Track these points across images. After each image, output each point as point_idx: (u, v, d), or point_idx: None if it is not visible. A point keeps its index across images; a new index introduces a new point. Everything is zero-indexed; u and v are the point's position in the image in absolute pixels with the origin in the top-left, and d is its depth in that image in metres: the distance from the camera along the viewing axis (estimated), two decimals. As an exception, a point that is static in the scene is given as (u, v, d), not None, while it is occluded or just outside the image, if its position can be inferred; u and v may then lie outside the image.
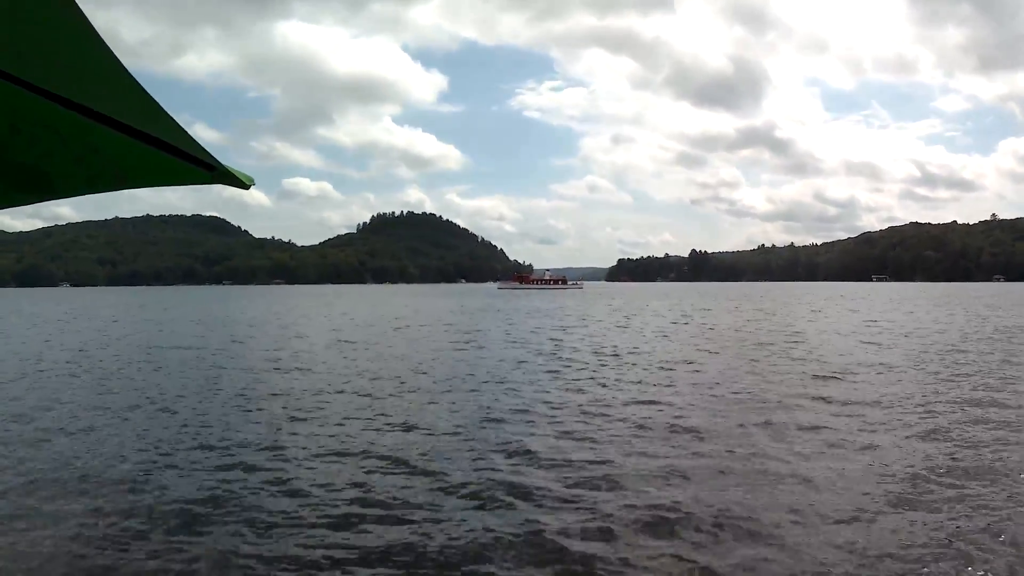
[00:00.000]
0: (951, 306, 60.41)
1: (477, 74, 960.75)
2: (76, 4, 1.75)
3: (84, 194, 3.01)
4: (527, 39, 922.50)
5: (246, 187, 2.59)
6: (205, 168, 2.51)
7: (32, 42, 1.98)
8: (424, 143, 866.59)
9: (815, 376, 18.90)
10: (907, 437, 11.57)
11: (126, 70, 1.94)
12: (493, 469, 9.95)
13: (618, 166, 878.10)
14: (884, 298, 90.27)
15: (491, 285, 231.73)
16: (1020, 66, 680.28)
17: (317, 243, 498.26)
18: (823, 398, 15.43)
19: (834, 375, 19.04)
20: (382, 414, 14.14)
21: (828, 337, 30.51)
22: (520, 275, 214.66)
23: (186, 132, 2.21)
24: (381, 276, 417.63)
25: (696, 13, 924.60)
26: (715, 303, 76.82)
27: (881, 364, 21.22)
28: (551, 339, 32.39)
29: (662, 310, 60.95)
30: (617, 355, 24.80)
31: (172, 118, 2.13)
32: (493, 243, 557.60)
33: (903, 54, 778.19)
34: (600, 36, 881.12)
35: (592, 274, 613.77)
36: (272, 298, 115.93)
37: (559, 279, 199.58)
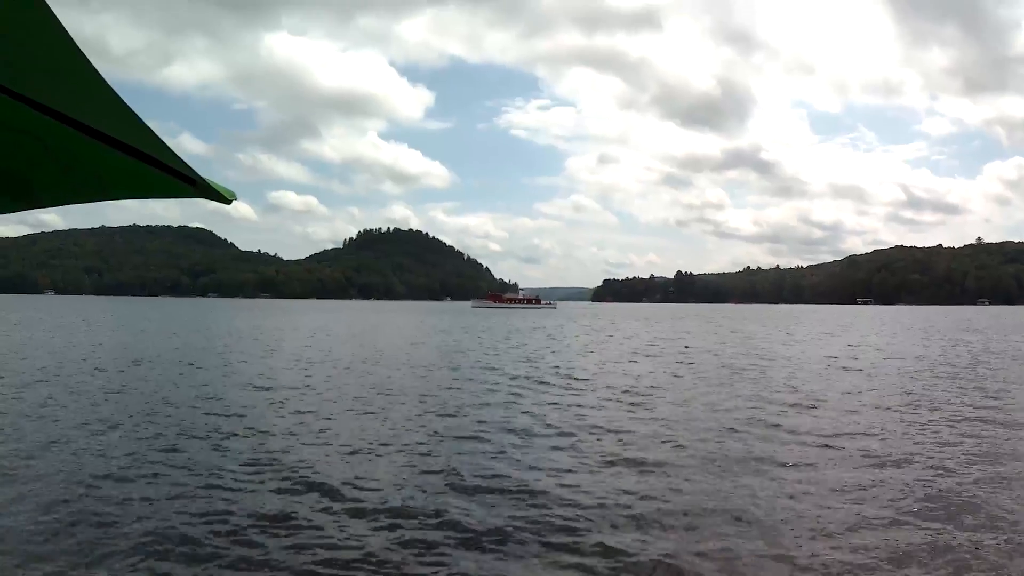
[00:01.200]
0: (929, 331, 60.47)
1: (464, 91, 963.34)
2: (55, 16, 1.76)
3: (67, 203, 3.03)
4: (514, 57, 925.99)
5: (228, 202, 2.61)
6: (187, 182, 2.53)
7: (15, 51, 1.99)
8: (410, 159, 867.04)
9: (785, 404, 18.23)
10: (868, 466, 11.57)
11: (106, 83, 1.96)
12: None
13: (604, 186, 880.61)
14: (867, 322, 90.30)
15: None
16: (1005, 89, 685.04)
17: (303, 257, 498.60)
18: (783, 426, 14.86)
19: (803, 403, 18.31)
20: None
21: (801, 363, 30.07)
22: (494, 294, 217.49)
23: (167, 146, 2.23)
24: (367, 292, 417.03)
25: (683, 32, 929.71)
26: (694, 325, 76.87)
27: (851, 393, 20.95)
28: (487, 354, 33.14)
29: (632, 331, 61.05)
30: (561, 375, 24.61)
31: (153, 132, 2.15)
32: (479, 261, 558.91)
33: (889, 77, 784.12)
34: (587, 55, 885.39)
35: (577, 294, 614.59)
36: (259, 312, 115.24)
37: (532, 299, 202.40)
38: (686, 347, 39.39)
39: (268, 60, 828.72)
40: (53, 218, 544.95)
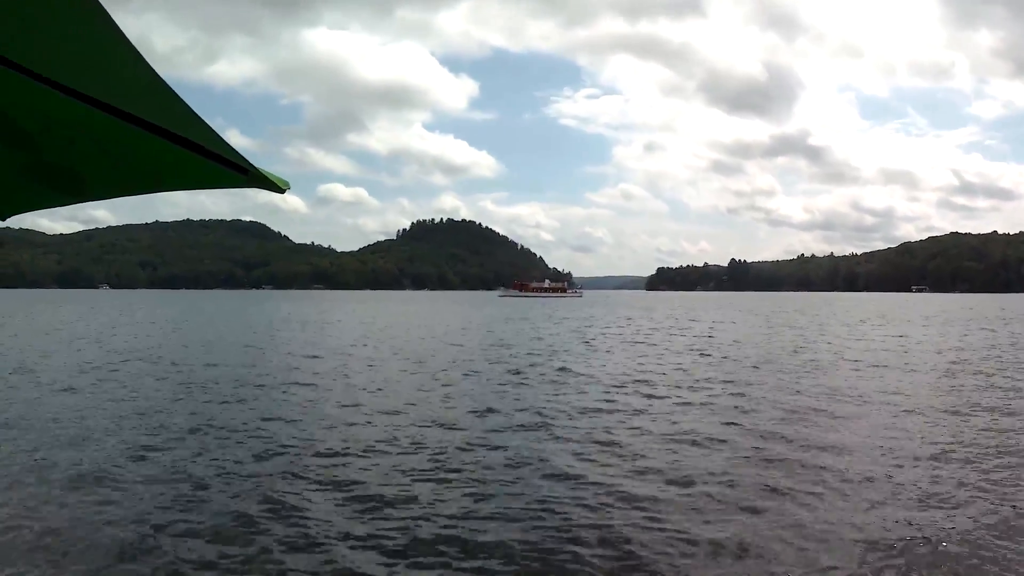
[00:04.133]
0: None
1: (507, 81, 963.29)
2: (106, 11, 1.73)
3: (119, 196, 3.02)
4: (556, 45, 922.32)
5: (281, 191, 2.55)
6: (239, 172, 2.48)
7: (66, 47, 1.98)
8: (457, 150, 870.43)
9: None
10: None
11: (157, 75, 1.93)
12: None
13: (651, 174, 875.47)
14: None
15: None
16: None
17: (356, 249, 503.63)
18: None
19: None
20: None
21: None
22: (519, 283, 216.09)
23: (219, 135, 2.19)
24: (420, 283, 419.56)
25: (727, 17, 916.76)
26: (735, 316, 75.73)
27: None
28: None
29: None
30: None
31: (205, 122, 2.11)
32: (532, 251, 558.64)
33: (938, 59, 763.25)
34: (630, 42, 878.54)
35: (631, 283, 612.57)
36: (317, 302, 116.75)
37: (558, 287, 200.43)
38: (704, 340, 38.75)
39: (310, 55, 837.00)
40: (106, 214, 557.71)
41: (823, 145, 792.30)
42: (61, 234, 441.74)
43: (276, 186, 2.52)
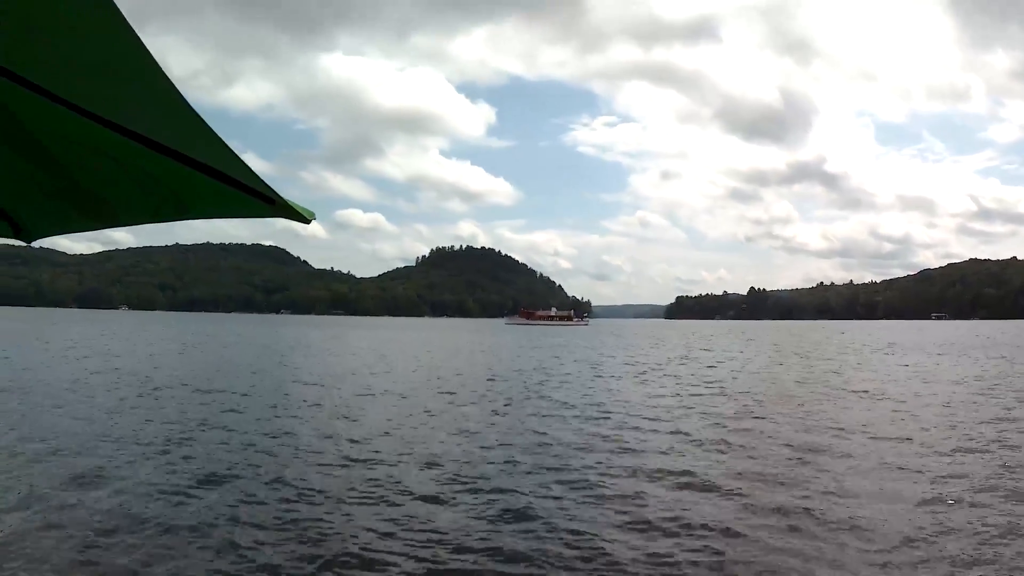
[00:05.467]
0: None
1: (524, 108, 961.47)
2: (138, 37, 1.74)
3: (145, 223, 3.04)
4: (572, 72, 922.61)
5: (307, 221, 2.57)
6: (266, 201, 2.49)
7: (97, 73, 2.00)
8: (474, 176, 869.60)
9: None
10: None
11: (188, 104, 1.94)
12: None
13: (668, 202, 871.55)
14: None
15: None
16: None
17: (375, 275, 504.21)
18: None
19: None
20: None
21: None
22: (526, 311, 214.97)
23: (247, 165, 2.20)
24: (440, 309, 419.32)
25: (741, 43, 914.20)
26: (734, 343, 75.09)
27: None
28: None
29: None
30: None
31: (233, 151, 2.12)
32: (551, 279, 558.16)
33: (954, 82, 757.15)
34: (644, 69, 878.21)
35: (651, 311, 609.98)
36: (336, 328, 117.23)
37: (565, 315, 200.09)
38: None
39: (326, 80, 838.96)
40: (125, 236, 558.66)
41: (840, 172, 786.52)
42: (81, 254, 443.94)
43: (302, 216, 2.53)
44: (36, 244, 3.52)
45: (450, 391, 24.01)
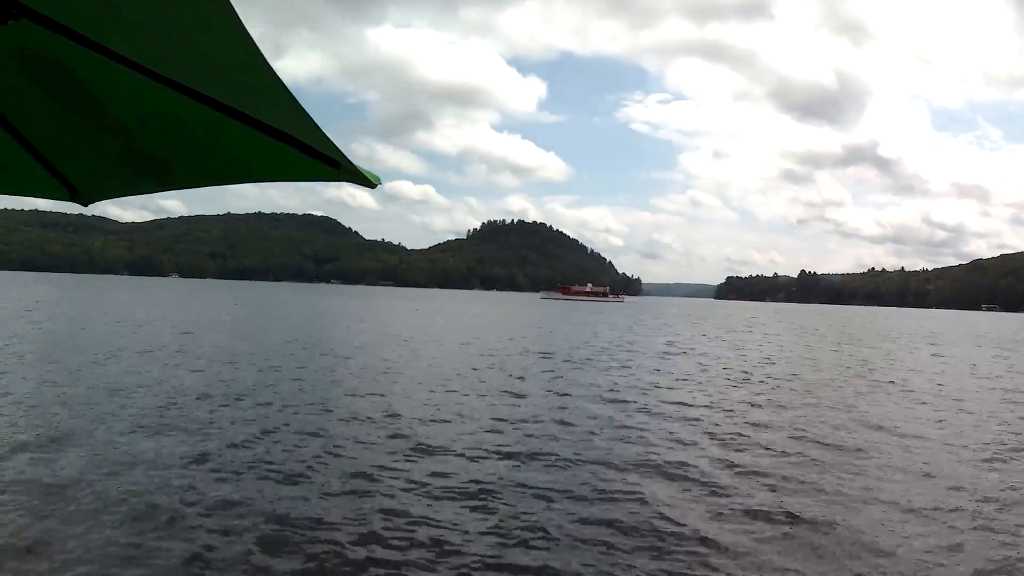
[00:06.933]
0: None
1: (575, 83, 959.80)
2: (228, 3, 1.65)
3: (207, 185, 3.01)
4: (623, 48, 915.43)
5: (373, 186, 2.49)
6: (331, 164, 2.42)
7: (168, 36, 1.94)
8: (524, 151, 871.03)
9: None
10: None
11: (267, 63, 1.85)
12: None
13: (719, 181, 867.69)
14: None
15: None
16: None
17: (425, 247, 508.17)
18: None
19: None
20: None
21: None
22: (562, 286, 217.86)
23: (318, 127, 2.12)
24: (489, 283, 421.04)
25: (795, 22, 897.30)
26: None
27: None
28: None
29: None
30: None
31: (305, 112, 2.04)
32: (602, 255, 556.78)
33: (1011, 68, 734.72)
34: (697, 46, 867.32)
35: (701, 291, 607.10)
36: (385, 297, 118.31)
37: (600, 291, 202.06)
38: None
39: (376, 53, 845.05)
40: (177, 205, 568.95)
41: (894, 156, 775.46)
42: (132, 222, 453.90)
43: (368, 180, 2.46)
44: (88, 212, 3.52)
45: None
